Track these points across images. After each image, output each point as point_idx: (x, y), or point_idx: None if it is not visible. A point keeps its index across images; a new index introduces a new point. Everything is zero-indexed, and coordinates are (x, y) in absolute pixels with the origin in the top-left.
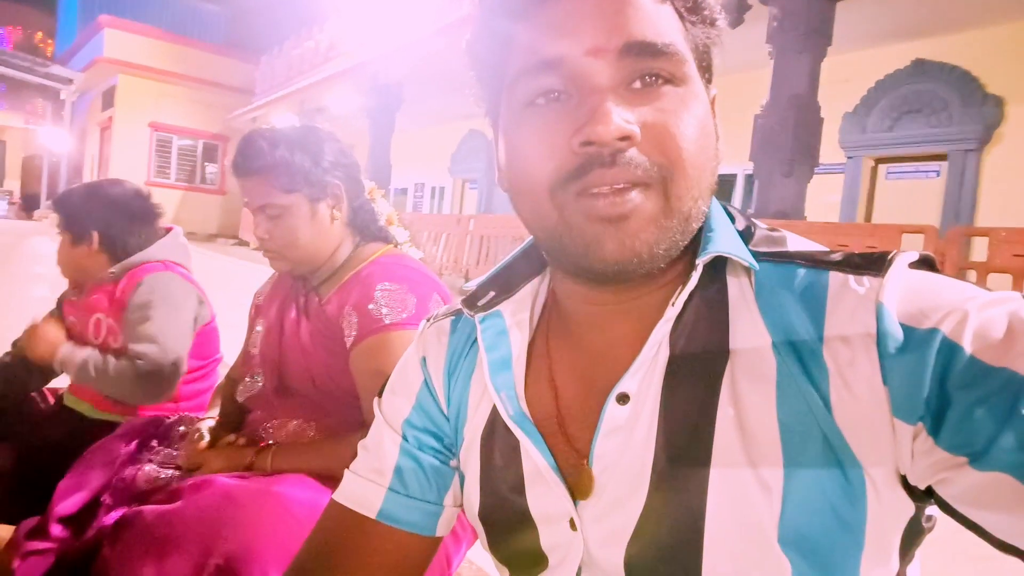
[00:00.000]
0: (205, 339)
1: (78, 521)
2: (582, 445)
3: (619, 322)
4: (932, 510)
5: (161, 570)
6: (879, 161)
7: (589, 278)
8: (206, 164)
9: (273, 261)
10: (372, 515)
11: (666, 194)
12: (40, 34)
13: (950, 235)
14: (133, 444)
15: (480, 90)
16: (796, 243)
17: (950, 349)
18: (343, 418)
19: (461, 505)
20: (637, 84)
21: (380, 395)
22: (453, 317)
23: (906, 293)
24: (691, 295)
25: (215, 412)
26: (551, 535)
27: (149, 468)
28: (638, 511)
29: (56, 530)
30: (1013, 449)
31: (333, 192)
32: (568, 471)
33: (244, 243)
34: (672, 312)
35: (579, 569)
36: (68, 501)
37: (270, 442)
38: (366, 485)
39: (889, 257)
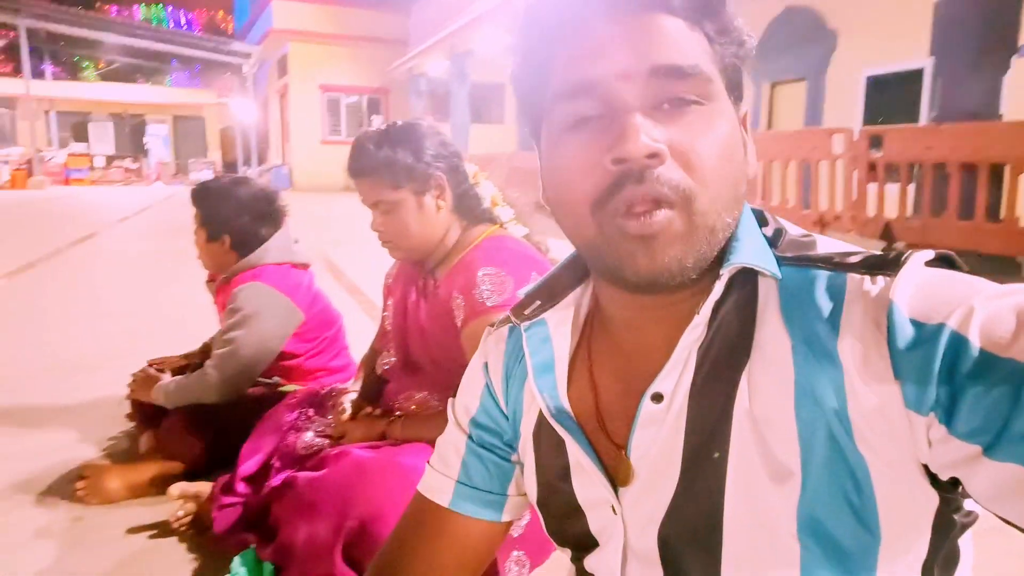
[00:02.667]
0: (312, 324)
1: (256, 479)
2: (620, 438)
3: (655, 327)
4: (972, 505)
5: (312, 528)
6: None
7: (625, 287)
8: (372, 117)
9: (390, 251)
10: (445, 504)
11: (690, 212)
12: (221, 13)
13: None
14: (295, 413)
15: (524, 116)
16: (825, 246)
17: (958, 342)
18: None
19: (525, 493)
20: (666, 106)
21: (455, 395)
22: (509, 324)
23: (917, 290)
24: (723, 300)
25: (358, 385)
26: (597, 519)
27: (307, 436)
28: (669, 497)
29: (241, 487)
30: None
31: (437, 183)
32: (609, 461)
33: None
34: (699, 319)
35: (624, 549)
36: (249, 463)
37: (398, 414)
38: (440, 478)
39: (904, 256)
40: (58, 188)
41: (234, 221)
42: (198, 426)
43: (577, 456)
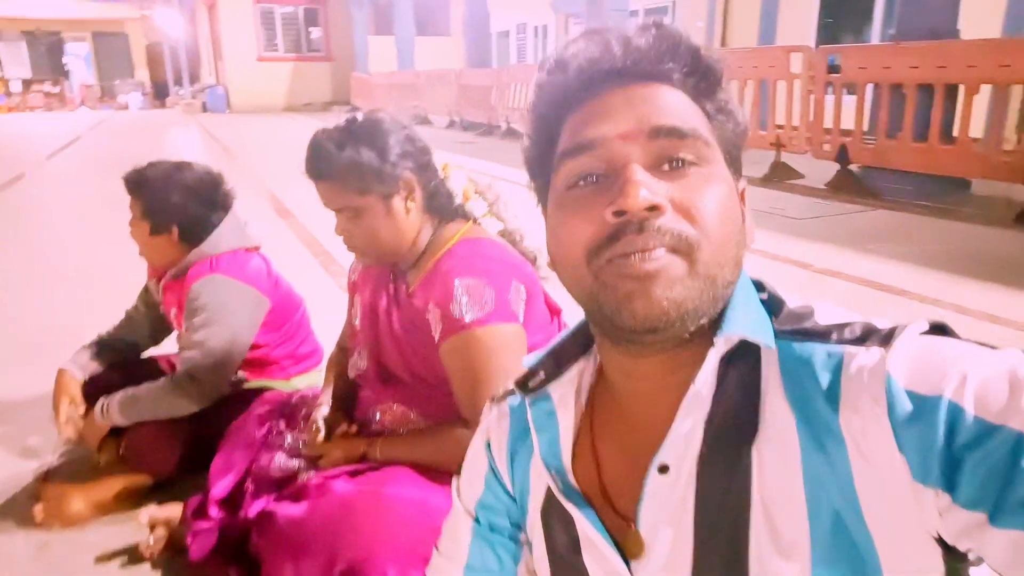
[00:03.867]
0: (277, 312)
1: (230, 502)
2: (628, 511)
3: (658, 396)
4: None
5: (298, 570)
6: None
7: (627, 339)
8: (310, 30)
9: (358, 256)
10: None
11: (692, 260)
12: None
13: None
14: (265, 427)
15: (532, 183)
16: (823, 316)
17: (955, 411)
18: (442, 404)
19: (535, 572)
20: (666, 167)
21: (458, 474)
22: (512, 400)
23: (912, 362)
24: (727, 370)
25: (329, 394)
26: None
27: (280, 458)
28: (688, 570)
29: (214, 511)
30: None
31: (405, 184)
32: (618, 535)
33: (357, 108)
34: (695, 388)
35: None
36: (221, 484)
37: (378, 431)
38: (447, 563)
39: (899, 329)
40: None
41: (181, 210)
42: (172, 433)
43: (587, 531)
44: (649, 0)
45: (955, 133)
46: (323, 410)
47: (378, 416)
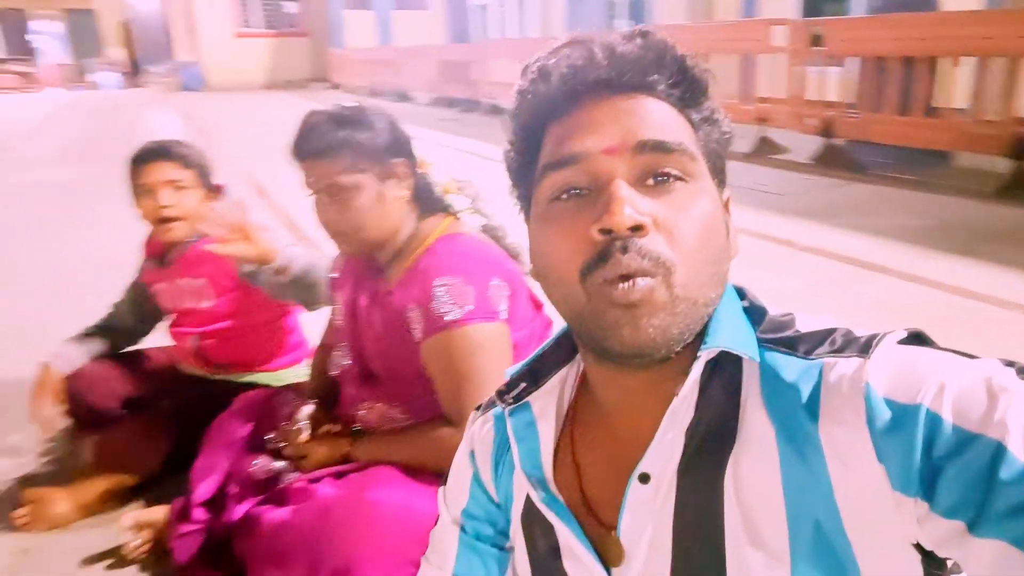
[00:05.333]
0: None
1: (213, 503)
2: (609, 519)
3: (642, 408)
4: None
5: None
6: None
7: (613, 360)
8: (286, 4)
9: (340, 244)
10: None
11: (669, 283)
12: None
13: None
14: (246, 427)
15: (514, 192)
16: (804, 324)
17: (934, 420)
18: (424, 402)
19: None
20: (651, 181)
21: (444, 483)
22: (496, 409)
23: (891, 371)
24: (709, 381)
25: (311, 393)
26: None
27: (262, 460)
28: None
29: (198, 513)
30: (1004, 515)
31: (399, 171)
32: (598, 543)
33: (336, 86)
34: (678, 401)
35: None
36: (204, 486)
37: (357, 427)
38: (435, 573)
39: (878, 338)
40: None
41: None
42: (157, 432)
43: (567, 540)
44: None
45: (937, 105)
46: (306, 409)
47: (361, 414)
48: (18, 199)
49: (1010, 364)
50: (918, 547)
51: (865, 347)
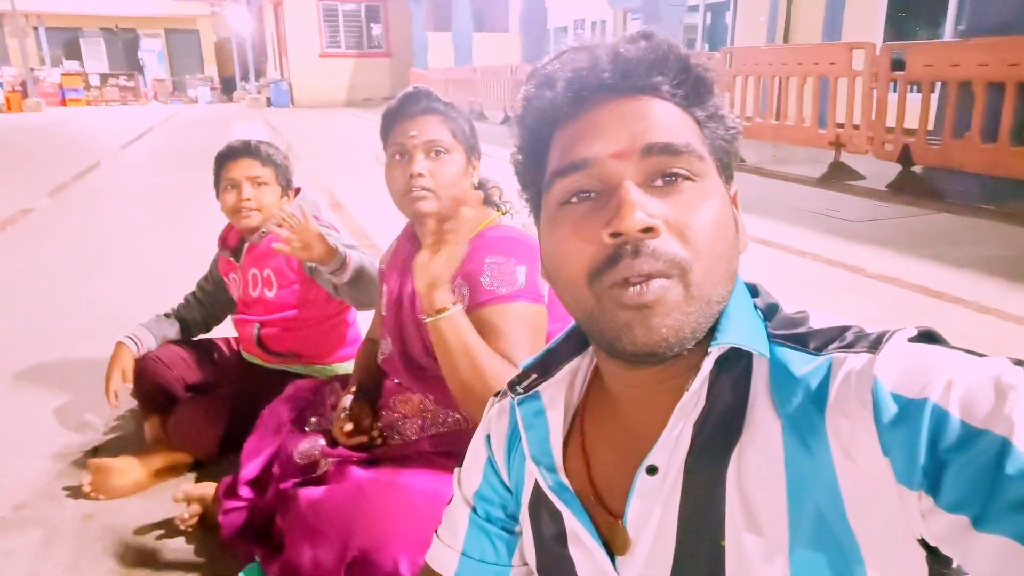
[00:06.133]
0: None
1: (259, 482)
2: (616, 508)
3: (653, 401)
4: None
5: (315, 553)
6: None
7: (624, 360)
8: (371, 26)
9: (421, 201)
10: None
11: (686, 283)
12: None
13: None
14: (294, 413)
15: (524, 195)
16: (817, 322)
17: (940, 415)
18: None
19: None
20: (659, 182)
21: (460, 465)
22: (510, 397)
23: (899, 366)
24: (718, 376)
25: (354, 385)
26: None
27: (304, 445)
28: (668, 568)
29: (244, 491)
30: (1008, 511)
31: (478, 155)
32: (605, 531)
33: None
34: (687, 396)
35: None
36: (251, 465)
37: (393, 421)
38: (445, 550)
39: (888, 335)
40: (54, 109)
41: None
42: (214, 416)
43: (574, 527)
44: None
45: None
46: (348, 399)
47: (398, 404)
48: (116, 201)
49: (1020, 363)
50: (923, 543)
51: (875, 343)
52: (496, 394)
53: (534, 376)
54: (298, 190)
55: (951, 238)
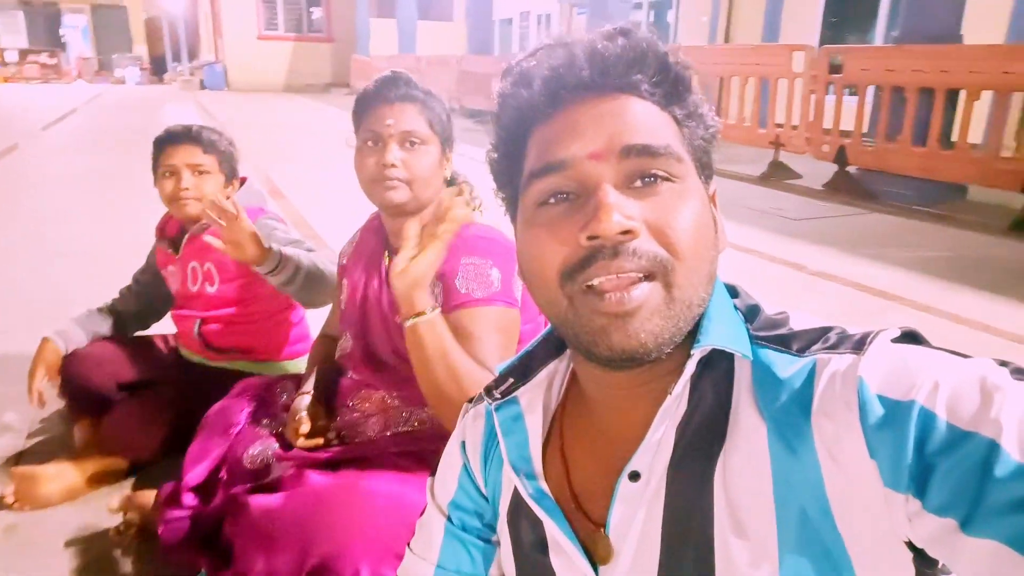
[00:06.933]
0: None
1: (204, 490)
2: (598, 516)
3: (632, 405)
4: None
5: (270, 563)
6: None
7: (600, 364)
8: (312, 10)
9: (392, 191)
10: None
11: (668, 284)
12: None
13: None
14: (244, 414)
15: (500, 194)
16: (798, 323)
17: (927, 417)
18: None
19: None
20: (638, 183)
21: (433, 475)
22: (486, 402)
23: (884, 367)
24: (700, 378)
25: (311, 383)
26: None
27: (255, 448)
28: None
29: (188, 499)
30: (997, 513)
31: (449, 151)
32: (587, 539)
33: (355, 92)
34: (670, 400)
35: None
36: (195, 471)
37: (355, 419)
38: (419, 562)
39: (872, 336)
40: None
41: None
42: (154, 416)
43: (555, 535)
44: None
45: (954, 138)
46: (305, 400)
47: (358, 403)
48: (39, 187)
49: (1004, 364)
50: (910, 545)
51: (859, 344)
52: (470, 400)
53: (511, 380)
54: (243, 180)
55: (889, 239)
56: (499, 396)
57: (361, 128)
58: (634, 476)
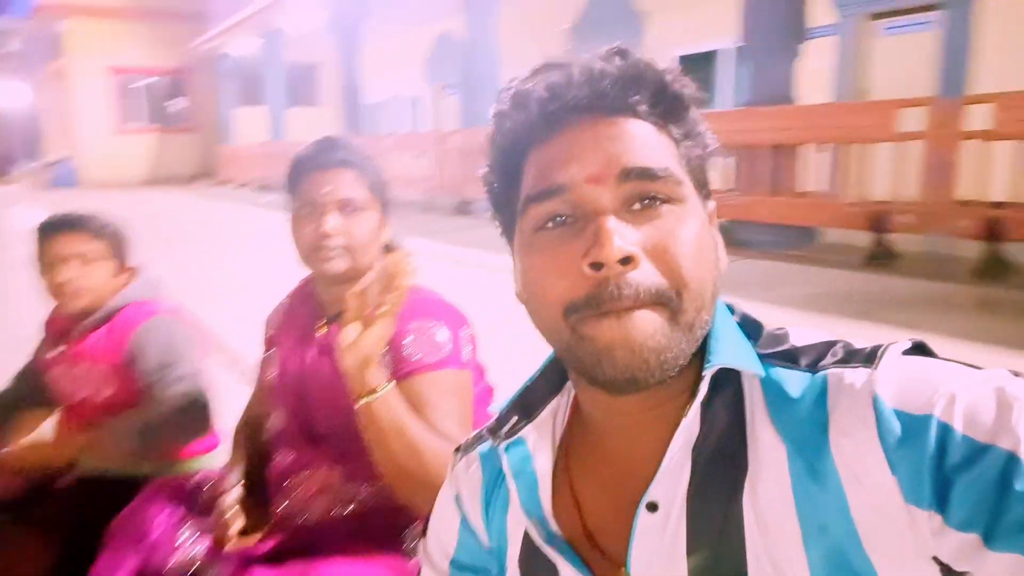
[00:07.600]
0: None
1: None
2: (616, 553)
3: (640, 432)
4: None
5: None
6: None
7: (605, 388)
8: (174, 101)
9: (331, 261)
10: None
11: (672, 309)
12: None
13: (947, 105)
14: (159, 518)
15: (496, 217)
16: (799, 338)
17: (945, 430)
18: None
19: None
20: (637, 206)
21: (424, 535)
22: (481, 447)
23: (899, 381)
24: (710, 400)
25: (238, 473)
26: None
27: (180, 555)
28: None
29: None
30: (1019, 527)
31: (386, 215)
32: None
33: (224, 182)
34: (686, 423)
35: None
36: None
37: (300, 504)
38: None
39: (882, 349)
40: None
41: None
42: (40, 538)
43: None
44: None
45: (809, 187)
46: (233, 493)
47: (301, 483)
48: None
49: (1019, 375)
50: (936, 560)
51: (870, 358)
52: (457, 449)
53: (515, 419)
54: (134, 269)
55: (757, 281)
56: (505, 436)
57: (296, 195)
58: (652, 507)
